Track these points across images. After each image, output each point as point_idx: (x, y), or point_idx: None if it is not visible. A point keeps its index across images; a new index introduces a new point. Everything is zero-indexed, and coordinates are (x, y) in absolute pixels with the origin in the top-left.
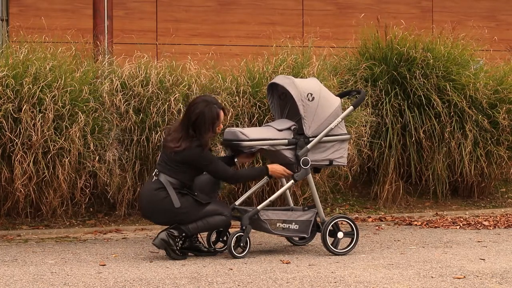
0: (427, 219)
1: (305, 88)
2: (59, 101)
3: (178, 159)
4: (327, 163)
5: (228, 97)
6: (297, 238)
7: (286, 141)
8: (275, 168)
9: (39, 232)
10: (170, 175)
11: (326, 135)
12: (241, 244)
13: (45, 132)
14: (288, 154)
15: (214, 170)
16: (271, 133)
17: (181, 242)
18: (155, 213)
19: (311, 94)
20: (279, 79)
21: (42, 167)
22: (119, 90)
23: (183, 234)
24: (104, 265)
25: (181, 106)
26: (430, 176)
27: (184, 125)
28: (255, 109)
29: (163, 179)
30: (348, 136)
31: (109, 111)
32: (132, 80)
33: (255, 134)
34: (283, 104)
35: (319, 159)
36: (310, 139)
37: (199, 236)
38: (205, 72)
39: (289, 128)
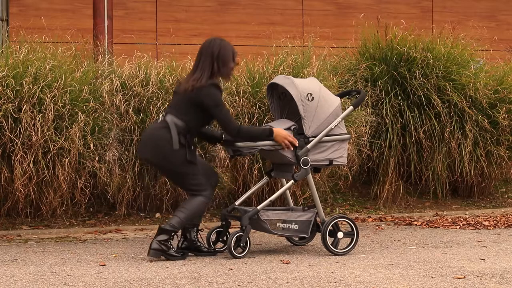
0: (427, 219)
1: (305, 88)
2: (59, 101)
3: (192, 96)
4: (327, 163)
5: (228, 97)
6: (297, 238)
7: None
8: (279, 132)
9: (39, 232)
10: (177, 116)
11: (326, 135)
12: (241, 244)
13: (45, 132)
14: (288, 154)
15: (220, 115)
16: None
17: (181, 241)
18: (149, 147)
19: (311, 94)
20: (279, 79)
21: (42, 167)
22: (119, 90)
23: (172, 233)
24: (104, 265)
25: None
26: (430, 176)
27: (206, 62)
28: (255, 109)
29: (169, 119)
30: (348, 136)
31: (109, 111)
32: (132, 80)
33: None
34: (283, 104)
35: (319, 159)
36: (310, 139)
37: (199, 236)
38: None
39: (289, 128)
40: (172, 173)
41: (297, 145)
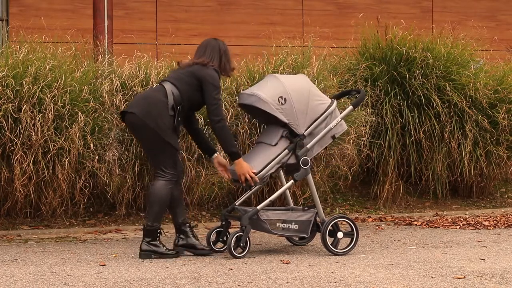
0: (427, 219)
1: (273, 95)
2: (59, 101)
3: (197, 69)
4: (331, 140)
5: (228, 97)
6: (297, 238)
7: (287, 150)
8: (242, 165)
9: (39, 232)
10: (175, 84)
11: (316, 127)
12: (241, 244)
13: (45, 132)
14: (292, 160)
15: (213, 95)
16: (269, 152)
17: (177, 238)
18: (140, 105)
19: (281, 97)
20: (245, 99)
21: (42, 167)
22: (119, 90)
23: (158, 231)
24: (104, 265)
25: None
26: (430, 176)
27: (214, 53)
28: None
29: (167, 86)
30: (333, 105)
31: (109, 111)
32: (132, 80)
33: (258, 165)
34: (261, 112)
35: (324, 144)
36: (305, 133)
37: (194, 232)
38: None
39: (281, 137)
40: (152, 139)
41: (253, 184)
